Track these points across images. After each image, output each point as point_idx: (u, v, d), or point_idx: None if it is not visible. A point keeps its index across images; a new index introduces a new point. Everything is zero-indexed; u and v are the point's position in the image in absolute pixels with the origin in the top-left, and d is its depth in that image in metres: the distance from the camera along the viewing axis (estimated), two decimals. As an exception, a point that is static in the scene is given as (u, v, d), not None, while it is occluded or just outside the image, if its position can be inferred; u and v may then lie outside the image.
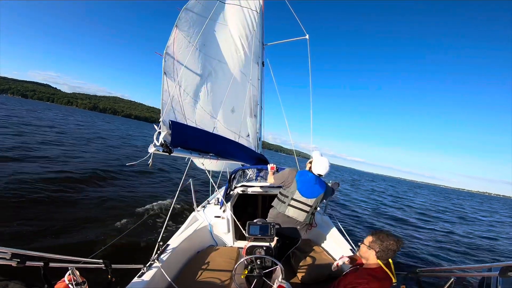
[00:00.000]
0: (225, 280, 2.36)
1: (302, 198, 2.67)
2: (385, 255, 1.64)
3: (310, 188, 2.69)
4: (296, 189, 2.70)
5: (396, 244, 1.62)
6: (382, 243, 1.65)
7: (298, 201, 2.68)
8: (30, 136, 13.06)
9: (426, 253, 6.73)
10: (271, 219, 2.80)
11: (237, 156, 3.37)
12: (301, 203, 2.67)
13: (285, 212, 2.70)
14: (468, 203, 35.37)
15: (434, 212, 16.40)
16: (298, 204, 2.67)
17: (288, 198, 2.72)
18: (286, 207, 2.70)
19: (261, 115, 5.10)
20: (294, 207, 2.68)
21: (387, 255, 1.64)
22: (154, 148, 1.99)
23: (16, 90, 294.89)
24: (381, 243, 1.66)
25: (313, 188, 2.70)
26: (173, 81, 2.54)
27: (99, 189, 6.99)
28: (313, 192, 2.69)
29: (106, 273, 1.79)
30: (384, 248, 1.64)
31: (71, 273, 1.47)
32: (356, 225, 8.67)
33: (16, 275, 1.51)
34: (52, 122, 24.23)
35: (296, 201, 2.68)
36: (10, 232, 4.02)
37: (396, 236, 1.68)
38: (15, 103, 60.94)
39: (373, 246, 1.70)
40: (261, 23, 4.66)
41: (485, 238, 10.27)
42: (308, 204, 2.67)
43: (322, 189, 2.73)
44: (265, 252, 2.25)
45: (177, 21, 2.58)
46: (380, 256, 1.66)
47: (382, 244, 1.65)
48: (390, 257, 1.64)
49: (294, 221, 2.69)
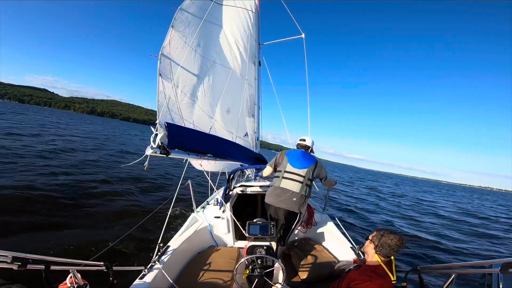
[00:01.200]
0: (227, 280, 2.36)
1: (293, 169, 2.83)
2: (384, 251, 1.65)
3: (300, 160, 2.88)
4: (287, 163, 2.88)
5: (396, 240, 1.63)
6: (381, 238, 1.67)
7: (290, 172, 2.83)
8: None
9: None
10: (269, 196, 2.89)
11: (235, 157, 3.38)
12: (293, 174, 2.81)
13: (280, 185, 2.82)
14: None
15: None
16: (291, 175, 2.81)
17: (281, 172, 2.87)
18: (281, 180, 2.84)
19: (258, 114, 5.11)
20: (288, 179, 2.81)
21: (385, 251, 1.65)
22: (151, 150, 1.99)
23: (13, 95, 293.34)
24: (380, 238, 1.68)
25: (303, 160, 2.88)
26: (170, 82, 2.54)
27: (98, 192, 6.96)
28: (303, 163, 2.85)
29: (108, 275, 1.79)
30: (382, 243, 1.65)
31: (73, 276, 1.47)
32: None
33: (17, 279, 1.51)
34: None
35: (288, 173, 2.83)
36: (10, 236, 4.01)
37: (398, 234, 1.70)
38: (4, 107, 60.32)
39: (373, 240, 1.74)
40: (257, 22, 4.67)
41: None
42: (300, 175, 2.80)
43: (311, 161, 2.89)
44: (265, 251, 2.26)
45: (173, 21, 2.58)
46: (379, 251, 1.67)
47: (381, 239, 1.67)
48: (388, 253, 1.65)
49: (289, 192, 2.77)
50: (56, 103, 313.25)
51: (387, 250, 1.64)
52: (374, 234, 1.78)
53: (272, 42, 5.66)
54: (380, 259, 1.66)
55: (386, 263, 1.65)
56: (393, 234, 1.68)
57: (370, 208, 12.40)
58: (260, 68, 5.13)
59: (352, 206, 11.83)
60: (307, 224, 3.57)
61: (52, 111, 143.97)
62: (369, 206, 12.99)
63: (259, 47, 5.02)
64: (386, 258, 1.67)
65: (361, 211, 10.93)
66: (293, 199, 2.77)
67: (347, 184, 24.94)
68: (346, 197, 14.64)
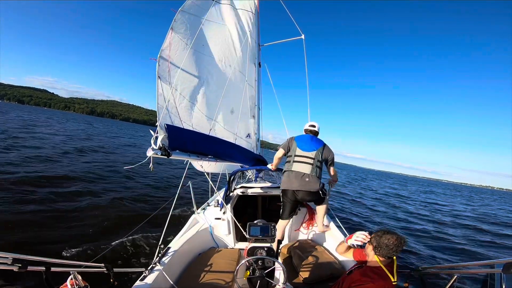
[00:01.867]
0: (227, 281, 2.36)
1: (303, 152, 3.00)
2: (382, 251, 1.65)
3: (308, 144, 3.05)
4: (296, 147, 3.05)
5: (393, 240, 1.62)
6: (380, 238, 1.67)
7: (300, 155, 2.99)
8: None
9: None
10: (284, 183, 3.02)
11: (236, 158, 3.38)
12: (303, 157, 2.97)
13: (292, 169, 2.97)
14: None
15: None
16: (301, 158, 2.97)
17: (292, 157, 3.04)
18: (292, 164, 3.00)
19: (259, 115, 5.11)
20: (299, 162, 2.97)
21: (383, 251, 1.64)
22: (153, 152, 2.00)
23: (12, 96, 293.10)
24: (379, 238, 1.67)
25: (311, 143, 3.05)
26: (168, 84, 2.54)
27: (98, 194, 6.96)
28: (311, 146, 3.02)
29: (108, 277, 1.79)
30: (380, 244, 1.65)
31: (73, 277, 1.47)
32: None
33: (18, 280, 1.51)
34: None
35: (298, 156, 2.99)
36: (10, 237, 4.00)
37: (397, 234, 1.69)
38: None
39: (372, 241, 1.74)
40: (257, 23, 4.68)
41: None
42: (310, 157, 2.95)
43: (319, 144, 3.07)
44: (266, 253, 2.25)
45: (172, 23, 2.58)
46: (378, 252, 1.67)
47: (380, 239, 1.66)
48: (387, 253, 1.64)
49: (301, 174, 2.91)
50: (56, 104, 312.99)
51: (385, 251, 1.64)
52: (373, 235, 1.78)
53: (272, 43, 5.67)
54: (380, 259, 1.66)
55: (388, 264, 1.65)
56: (390, 234, 1.67)
57: (365, 212, 11.21)
58: (260, 69, 5.14)
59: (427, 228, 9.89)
60: (308, 225, 3.57)
61: (52, 111, 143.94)
62: (367, 209, 12.15)
63: (259, 48, 5.03)
64: (386, 258, 1.66)
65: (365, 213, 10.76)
66: (306, 180, 2.88)
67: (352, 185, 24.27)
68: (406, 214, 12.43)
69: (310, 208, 3.55)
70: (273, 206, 4.84)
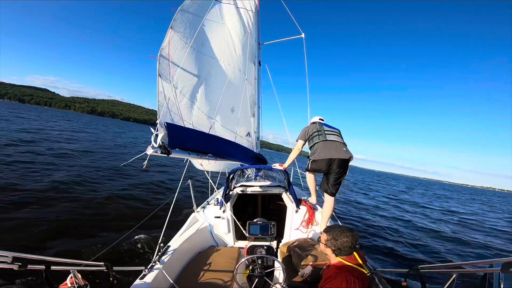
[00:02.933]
0: (227, 280, 2.36)
1: (329, 129, 3.09)
2: (343, 253, 1.63)
3: (329, 125, 3.16)
4: (321, 126, 3.11)
5: (351, 240, 1.61)
6: (336, 241, 1.64)
7: (328, 130, 3.07)
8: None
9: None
10: (321, 153, 2.94)
11: (235, 156, 3.38)
12: (331, 131, 3.07)
13: (326, 139, 2.96)
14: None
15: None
16: (330, 131, 3.06)
17: (321, 131, 3.04)
18: (325, 135, 2.99)
19: (258, 114, 5.11)
20: (330, 133, 3.02)
21: (345, 252, 1.63)
22: (152, 150, 2.00)
23: (13, 95, 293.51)
24: (335, 242, 1.65)
25: (330, 125, 3.18)
26: (169, 83, 2.54)
27: (98, 193, 6.97)
28: (332, 127, 3.16)
29: (108, 275, 1.79)
30: (339, 246, 1.63)
31: (73, 276, 1.48)
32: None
33: (18, 279, 1.51)
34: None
35: (327, 130, 3.06)
36: (10, 237, 4.01)
37: (349, 230, 1.66)
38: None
39: (328, 244, 1.69)
40: (257, 22, 4.68)
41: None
42: (335, 132, 3.07)
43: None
44: (266, 251, 2.26)
45: (172, 22, 2.58)
46: (339, 254, 1.65)
47: (337, 242, 1.64)
48: (350, 252, 1.63)
49: (337, 143, 2.96)
50: (57, 103, 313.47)
51: (346, 252, 1.62)
52: (326, 238, 1.73)
53: (272, 42, 5.66)
54: (344, 259, 1.64)
55: (353, 259, 1.63)
56: (344, 234, 1.64)
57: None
58: (260, 68, 5.14)
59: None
60: (308, 224, 3.57)
61: (53, 111, 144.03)
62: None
63: (259, 47, 5.02)
64: (349, 256, 1.65)
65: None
66: (343, 149, 2.92)
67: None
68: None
69: (310, 207, 3.55)
70: (273, 205, 4.84)
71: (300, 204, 3.59)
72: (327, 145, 2.95)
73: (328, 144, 2.95)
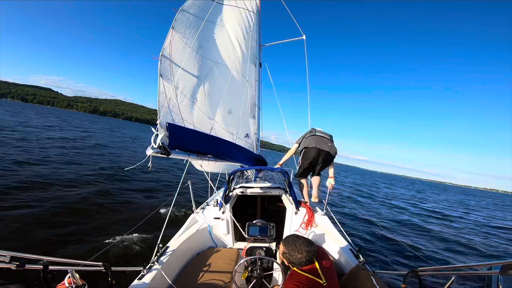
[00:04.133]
0: (226, 281, 2.36)
1: (319, 129, 3.71)
2: (299, 265, 1.62)
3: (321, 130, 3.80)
4: (314, 129, 3.73)
5: (305, 256, 1.59)
6: (291, 256, 1.63)
7: (320, 131, 3.69)
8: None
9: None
10: (310, 142, 3.55)
11: (235, 157, 3.37)
12: (321, 132, 3.68)
13: (317, 134, 3.61)
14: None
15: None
16: (320, 132, 3.68)
17: (314, 131, 3.70)
18: (315, 133, 3.64)
19: (259, 116, 5.11)
20: (321, 133, 3.65)
21: (302, 264, 1.61)
22: (152, 151, 1.99)
23: (16, 94, 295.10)
24: (290, 256, 1.64)
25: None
26: (170, 83, 2.55)
27: (97, 193, 6.99)
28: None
29: (106, 275, 1.79)
30: (294, 260, 1.62)
31: (71, 276, 1.47)
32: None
33: (16, 279, 1.52)
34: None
35: (319, 131, 3.68)
36: (11, 237, 4.03)
37: (308, 245, 1.64)
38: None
39: (283, 257, 1.69)
40: (258, 23, 4.68)
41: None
42: (325, 134, 3.65)
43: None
44: (265, 253, 2.25)
45: (173, 23, 2.59)
46: (295, 266, 1.63)
47: (291, 257, 1.63)
48: (305, 264, 1.61)
49: (325, 139, 3.56)
50: (59, 102, 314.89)
51: (303, 263, 1.61)
52: (282, 250, 1.71)
53: (273, 43, 5.67)
54: (301, 270, 1.62)
55: (311, 269, 1.61)
56: (299, 250, 1.62)
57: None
58: (261, 69, 5.14)
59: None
60: (307, 226, 3.56)
61: (55, 110, 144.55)
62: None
63: (260, 48, 5.03)
64: (308, 265, 1.63)
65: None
66: (329, 144, 3.49)
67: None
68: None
69: (310, 209, 3.54)
70: (272, 206, 4.83)
71: (300, 206, 3.58)
72: (317, 138, 3.57)
73: (317, 138, 3.57)
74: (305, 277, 1.57)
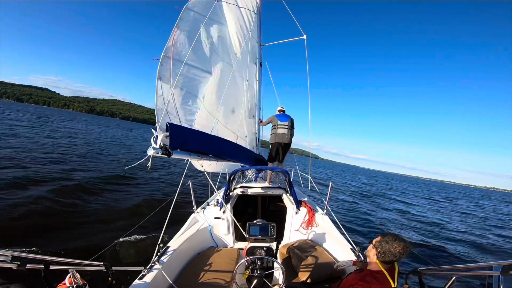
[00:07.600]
0: (226, 281, 2.35)
1: (280, 122, 4.81)
2: (385, 257, 1.62)
3: (283, 117, 4.86)
4: (277, 120, 4.82)
5: (399, 248, 1.59)
6: (386, 244, 1.63)
7: (280, 124, 4.80)
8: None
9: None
10: (273, 139, 4.78)
11: (236, 157, 3.36)
12: (281, 125, 4.79)
13: (277, 132, 4.77)
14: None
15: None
16: (281, 125, 4.79)
17: (276, 126, 4.81)
18: (276, 129, 4.78)
19: (259, 115, 5.11)
20: (280, 127, 4.78)
21: (387, 258, 1.61)
22: (153, 151, 1.98)
23: (12, 94, 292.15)
24: (385, 244, 1.63)
25: (284, 117, 4.86)
26: (170, 84, 2.53)
27: (98, 193, 6.95)
28: (285, 118, 4.83)
29: (107, 275, 1.78)
30: (385, 250, 1.61)
31: (72, 276, 1.46)
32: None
33: (17, 278, 1.50)
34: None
35: (279, 125, 4.80)
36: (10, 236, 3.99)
37: (404, 242, 1.64)
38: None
39: (377, 245, 1.68)
40: (259, 23, 4.68)
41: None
42: (285, 125, 4.79)
43: (288, 117, 4.88)
44: (265, 252, 2.24)
45: (178, 21, 2.57)
46: (380, 258, 1.64)
47: (386, 245, 1.63)
48: (390, 260, 1.61)
49: (282, 134, 4.76)
50: (55, 102, 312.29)
51: (389, 257, 1.60)
52: (378, 239, 1.72)
53: (273, 43, 5.67)
54: (382, 265, 1.63)
55: (388, 269, 1.62)
56: (397, 241, 1.62)
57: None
58: (261, 69, 5.14)
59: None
60: (308, 225, 3.56)
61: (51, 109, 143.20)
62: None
63: (260, 48, 5.02)
64: (388, 264, 1.63)
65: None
66: (285, 137, 4.74)
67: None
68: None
69: (310, 209, 3.54)
70: (273, 206, 4.83)
71: (300, 206, 3.58)
72: (277, 135, 4.74)
73: (278, 135, 4.74)
74: (383, 274, 1.58)
